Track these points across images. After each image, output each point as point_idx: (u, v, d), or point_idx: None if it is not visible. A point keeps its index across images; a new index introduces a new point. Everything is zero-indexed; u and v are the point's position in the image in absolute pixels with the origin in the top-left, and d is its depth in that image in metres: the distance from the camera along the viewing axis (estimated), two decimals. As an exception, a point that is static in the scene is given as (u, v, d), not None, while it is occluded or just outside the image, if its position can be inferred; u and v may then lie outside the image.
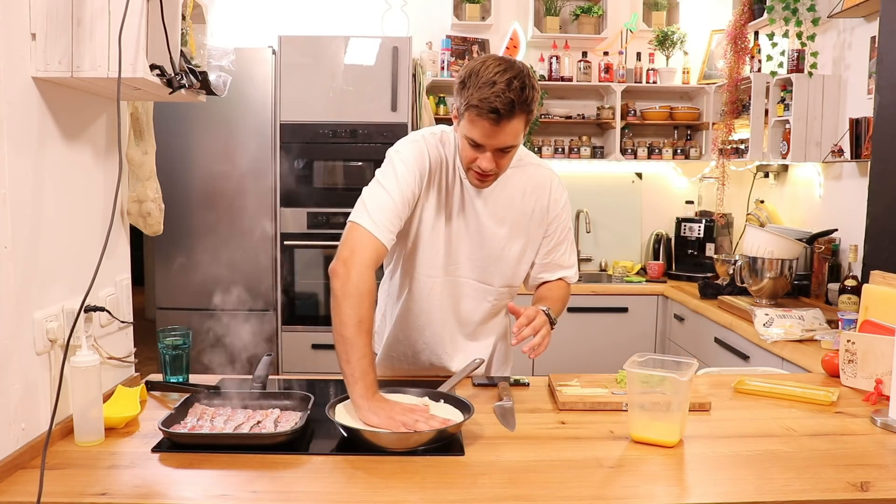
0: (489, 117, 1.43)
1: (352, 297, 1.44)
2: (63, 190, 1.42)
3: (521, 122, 1.47)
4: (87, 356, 1.34)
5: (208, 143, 3.63)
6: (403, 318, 1.78)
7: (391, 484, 1.20)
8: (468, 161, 1.55)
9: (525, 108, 1.45)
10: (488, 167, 1.52)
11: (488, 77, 1.42)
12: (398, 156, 1.60)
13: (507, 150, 1.52)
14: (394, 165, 1.58)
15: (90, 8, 1.29)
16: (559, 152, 4.06)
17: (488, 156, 1.51)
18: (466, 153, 1.54)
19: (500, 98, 1.41)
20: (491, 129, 1.45)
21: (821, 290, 3.13)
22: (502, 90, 1.41)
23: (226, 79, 1.62)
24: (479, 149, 1.51)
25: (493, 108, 1.42)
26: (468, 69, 1.47)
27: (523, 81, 1.43)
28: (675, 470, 1.29)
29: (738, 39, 3.57)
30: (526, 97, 1.44)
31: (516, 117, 1.45)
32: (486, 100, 1.42)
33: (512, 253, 1.73)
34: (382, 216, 1.52)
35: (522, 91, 1.43)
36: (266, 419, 1.42)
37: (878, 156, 2.45)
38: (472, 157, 1.53)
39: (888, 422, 1.49)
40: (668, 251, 4.07)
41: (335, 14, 4.03)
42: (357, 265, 1.46)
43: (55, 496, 1.13)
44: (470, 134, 1.49)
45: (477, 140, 1.49)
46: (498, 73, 1.43)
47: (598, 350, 3.66)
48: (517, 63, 1.47)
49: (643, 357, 1.44)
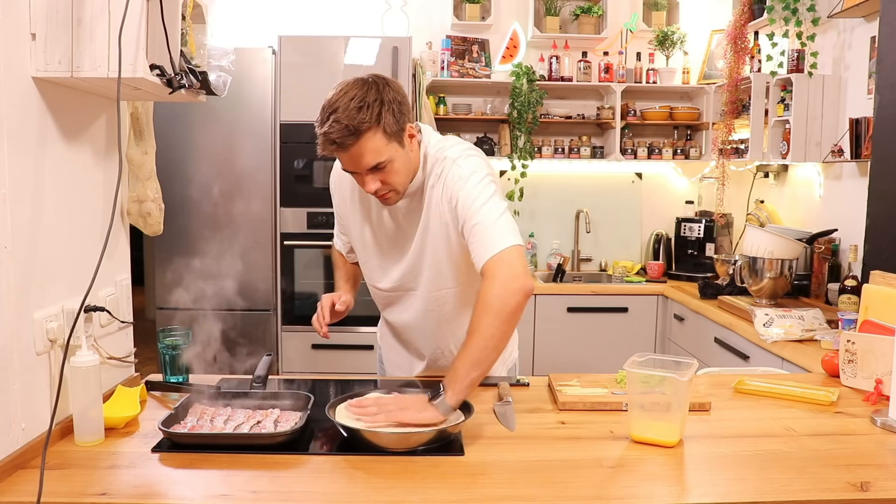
0: (331, 148, 1.45)
1: None
2: (63, 190, 1.42)
3: (375, 138, 1.43)
4: (87, 356, 1.34)
5: (208, 143, 3.63)
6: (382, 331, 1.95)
7: (391, 484, 1.20)
8: (360, 184, 1.54)
9: (370, 125, 1.41)
10: (372, 188, 1.49)
11: (331, 105, 1.43)
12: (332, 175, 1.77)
13: (379, 167, 1.46)
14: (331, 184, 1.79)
15: (90, 8, 1.29)
16: (559, 152, 4.06)
17: (367, 178, 1.49)
18: (355, 179, 1.54)
19: (334, 128, 1.41)
20: (343, 156, 1.47)
21: (821, 290, 3.12)
22: (338, 118, 1.40)
23: (226, 79, 1.62)
24: (357, 175, 1.51)
25: (331, 140, 1.42)
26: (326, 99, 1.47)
27: (362, 100, 1.41)
28: (675, 470, 1.29)
29: (738, 39, 3.57)
30: (365, 116, 1.40)
31: (363, 137, 1.42)
32: (325, 133, 1.42)
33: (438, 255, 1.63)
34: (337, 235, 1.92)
35: (360, 111, 1.40)
36: (266, 419, 1.42)
37: (878, 156, 2.45)
38: (359, 181, 1.53)
39: (888, 422, 1.49)
40: (668, 251, 4.07)
41: (335, 14, 4.03)
42: None
43: (55, 496, 1.13)
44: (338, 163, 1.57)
45: (345, 167, 1.50)
46: (338, 97, 1.43)
47: (598, 350, 3.66)
48: (368, 79, 1.46)
49: (643, 357, 1.44)
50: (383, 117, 1.43)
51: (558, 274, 3.94)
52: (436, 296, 1.69)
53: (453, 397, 1.36)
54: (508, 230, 1.47)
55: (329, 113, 1.43)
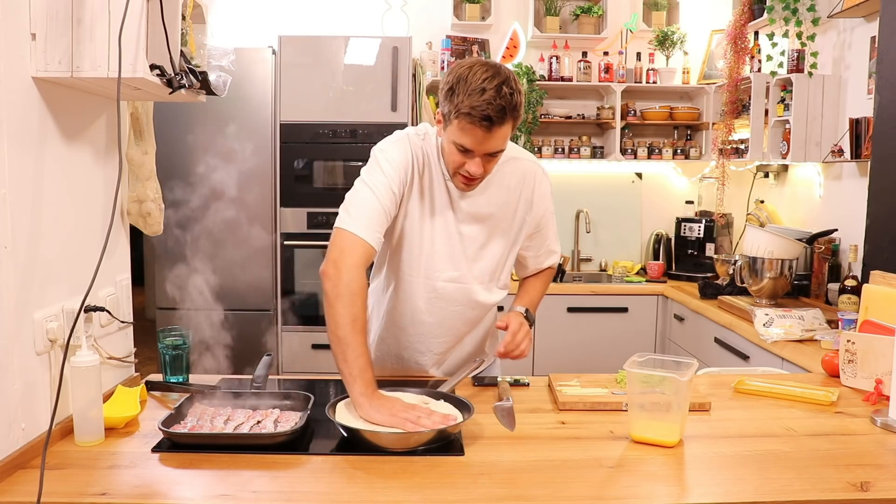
0: (482, 125, 1.44)
1: (344, 297, 1.45)
2: (63, 190, 1.42)
3: (510, 127, 1.49)
4: (87, 356, 1.34)
5: (208, 143, 3.63)
6: (389, 316, 1.80)
7: (391, 484, 1.20)
8: (455, 165, 1.55)
9: (515, 113, 1.46)
10: (477, 172, 1.53)
11: (478, 84, 1.42)
12: (383, 154, 1.60)
13: (495, 154, 1.53)
14: (379, 164, 1.59)
15: (90, 8, 1.29)
16: (559, 152, 4.06)
17: (477, 161, 1.51)
18: (454, 158, 1.54)
19: (491, 105, 1.41)
20: (483, 135, 1.46)
21: (821, 290, 3.13)
22: (493, 97, 1.41)
23: (226, 79, 1.62)
24: (467, 154, 1.51)
25: (486, 116, 1.42)
26: (456, 75, 1.47)
27: (512, 87, 1.44)
28: (675, 470, 1.29)
29: (738, 39, 3.57)
30: (515, 103, 1.45)
31: (507, 123, 1.46)
32: (478, 107, 1.42)
33: (492, 254, 1.73)
34: (367, 217, 1.54)
35: (512, 97, 1.43)
36: (266, 419, 1.42)
37: (878, 156, 2.45)
38: (459, 161, 1.53)
39: (888, 422, 1.49)
40: (668, 251, 4.07)
41: (335, 14, 4.03)
42: (347, 265, 1.48)
43: (55, 496, 1.13)
44: (460, 140, 1.49)
45: (468, 146, 1.49)
46: (486, 79, 1.42)
47: (598, 350, 3.66)
48: (503, 68, 1.47)
49: (643, 357, 1.44)
50: (521, 110, 1.49)
51: (558, 274, 3.93)
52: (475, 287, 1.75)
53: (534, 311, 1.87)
54: None
55: (481, 90, 1.41)
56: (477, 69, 1.45)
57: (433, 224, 1.67)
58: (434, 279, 1.71)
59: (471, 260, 1.72)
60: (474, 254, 1.72)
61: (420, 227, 1.67)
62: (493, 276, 1.77)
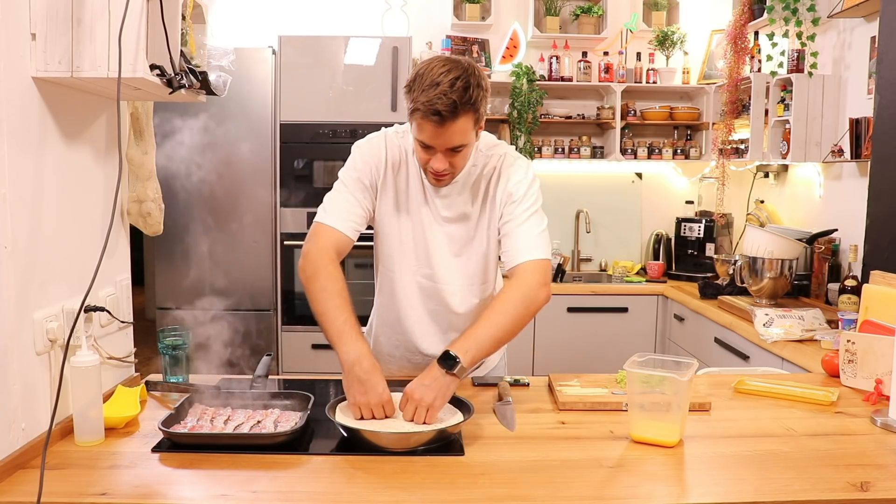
0: (433, 119, 1.44)
1: (313, 278, 1.51)
2: (63, 190, 1.42)
3: (468, 121, 1.48)
4: (87, 356, 1.34)
5: (208, 143, 3.63)
6: (380, 313, 1.82)
7: (391, 484, 1.20)
8: (422, 162, 1.57)
9: (469, 107, 1.45)
10: (440, 167, 1.53)
11: (432, 79, 1.43)
12: (357, 150, 1.67)
13: (457, 149, 1.52)
14: (353, 160, 1.66)
15: (90, 8, 1.29)
16: (559, 152, 4.06)
17: (439, 156, 1.51)
18: (419, 155, 1.56)
19: (441, 100, 1.41)
20: (436, 130, 1.46)
21: (821, 290, 3.12)
22: (445, 91, 1.41)
23: (226, 79, 1.62)
24: (429, 150, 1.52)
25: (436, 111, 1.42)
26: (414, 72, 1.49)
27: (467, 81, 1.43)
28: (675, 470, 1.29)
29: (738, 39, 3.57)
30: (470, 97, 1.44)
31: (461, 117, 1.45)
32: (429, 102, 1.42)
33: (475, 249, 1.70)
34: (337, 208, 1.60)
35: (466, 91, 1.43)
36: (266, 419, 1.42)
37: (878, 156, 2.45)
38: (425, 158, 1.55)
39: (888, 422, 1.49)
40: (668, 251, 4.07)
41: (335, 14, 4.03)
42: (314, 250, 1.55)
43: (55, 496, 1.13)
44: (419, 136, 1.51)
45: (426, 142, 1.50)
46: (442, 73, 1.43)
47: (598, 350, 3.66)
48: (463, 62, 1.47)
49: (643, 357, 1.44)
50: (480, 104, 1.48)
51: (558, 274, 3.94)
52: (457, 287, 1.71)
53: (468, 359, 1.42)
54: (548, 244, 1.62)
55: (434, 84, 1.42)
56: (435, 64, 1.46)
57: (411, 221, 1.68)
58: (414, 274, 1.71)
59: (447, 262, 1.69)
60: (450, 256, 1.69)
61: (397, 224, 1.68)
62: (472, 280, 1.72)
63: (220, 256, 3.59)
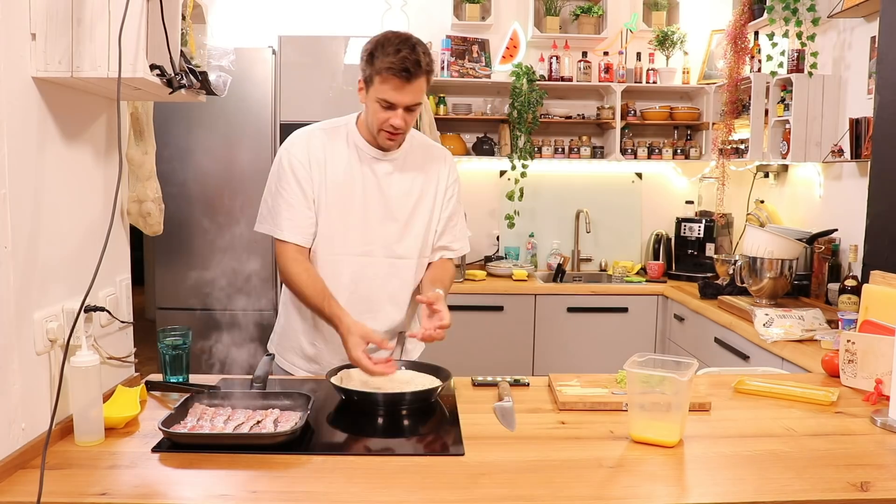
0: (402, 76, 1.65)
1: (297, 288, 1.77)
2: (63, 190, 1.42)
3: (424, 81, 1.70)
4: (87, 356, 1.34)
5: (208, 143, 3.63)
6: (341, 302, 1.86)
7: (391, 484, 1.20)
8: (381, 122, 1.73)
9: (428, 68, 1.69)
10: (401, 124, 1.71)
11: (395, 45, 1.65)
12: (285, 155, 1.80)
13: (413, 108, 1.73)
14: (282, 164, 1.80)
15: (90, 8, 1.29)
16: (559, 152, 4.06)
17: (399, 113, 1.70)
18: (378, 115, 1.72)
19: (408, 60, 1.64)
20: (402, 86, 1.66)
21: (821, 290, 3.13)
22: (409, 54, 1.64)
23: (226, 79, 1.62)
24: (391, 108, 1.70)
25: (405, 68, 1.64)
26: (373, 43, 1.69)
27: (424, 48, 1.69)
28: (675, 470, 1.29)
29: (738, 39, 3.57)
30: (428, 61, 1.69)
31: (421, 77, 1.68)
32: (398, 61, 1.64)
33: (421, 220, 1.87)
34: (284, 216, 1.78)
35: (425, 55, 1.68)
36: (266, 419, 1.42)
37: (878, 156, 2.45)
38: (384, 118, 1.72)
39: (888, 422, 1.49)
40: (668, 251, 4.07)
41: (335, 14, 4.03)
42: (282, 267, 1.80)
43: (55, 496, 1.13)
44: (383, 95, 1.68)
45: (390, 99, 1.68)
46: (400, 42, 1.66)
47: (598, 350, 3.66)
48: (413, 36, 1.70)
49: (643, 357, 1.44)
50: (433, 70, 1.72)
51: (558, 274, 3.94)
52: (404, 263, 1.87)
53: None
54: None
55: (398, 49, 1.64)
56: (391, 36, 1.68)
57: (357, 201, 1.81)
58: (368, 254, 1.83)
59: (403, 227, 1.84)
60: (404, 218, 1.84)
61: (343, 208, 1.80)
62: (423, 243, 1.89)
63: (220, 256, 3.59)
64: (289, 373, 1.94)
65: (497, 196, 4.19)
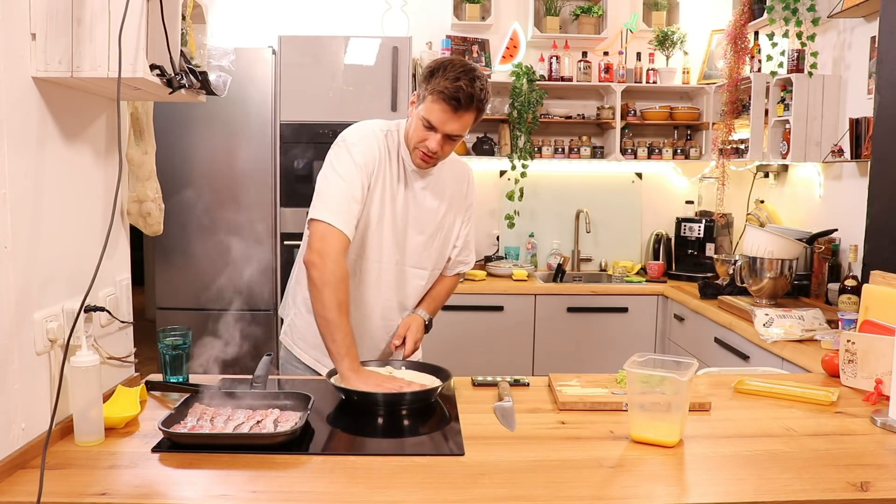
0: (451, 104, 1.63)
1: (330, 283, 1.61)
2: (63, 190, 1.42)
3: (473, 117, 1.68)
4: (87, 356, 1.34)
5: (208, 143, 3.63)
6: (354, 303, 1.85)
7: (391, 484, 1.20)
8: (418, 140, 1.71)
9: (480, 105, 1.67)
10: (435, 148, 1.69)
11: (456, 73, 1.64)
12: (355, 148, 1.74)
13: (454, 138, 1.70)
14: (352, 156, 1.72)
15: (90, 8, 1.29)
16: (559, 152, 4.06)
17: (438, 138, 1.68)
18: (419, 133, 1.71)
19: (462, 91, 1.62)
20: (449, 113, 1.65)
21: (821, 290, 3.13)
22: (466, 85, 1.63)
23: (226, 79, 1.62)
24: (431, 130, 1.68)
25: (456, 97, 1.63)
26: (439, 63, 1.68)
27: (483, 85, 1.66)
28: (675, 470, 1.29)
29: (738, 39, 3.57)
30: (482, 98, 1.66)
31: (471, 111, 1.66)
32: (451, 89, 1.62)
33: (449, 228, 1.91)
34: (342, 208, 1.68)
35: (481, 92, 1.66)
36: (266, 419, 1.42)
37: (878, 156, 2.45)
38: (423, 137, 1.70)
39: (888, 422, 1.49)
40: (668, 251, 4.07)
41: (335, 14, 4.03)
42: (331, 253, 1.63)
43: (55, 496, 1.13)
44: (428, 115, 1.67)
45: (433, 122, 1.66)
46: (464, 72, 1.64)
47: (598, 350, 3.66)
48: (479, 71, 1.69)
49: (643, 357, 1.44)
50: (484, 108, 1.71)
51: (558, 274, 3.94)
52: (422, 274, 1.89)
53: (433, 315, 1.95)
54: None
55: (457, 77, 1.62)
56: (458, 63, 1.66)
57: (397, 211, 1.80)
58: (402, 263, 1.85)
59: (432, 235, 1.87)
60: (435, 225, 1.86)
61: (385, 216, 1.79)
62: (445, 252, 1.92)
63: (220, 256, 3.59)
64: (302, 362, 1.94)
65: (497, 196, 4.19)
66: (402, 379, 1.64)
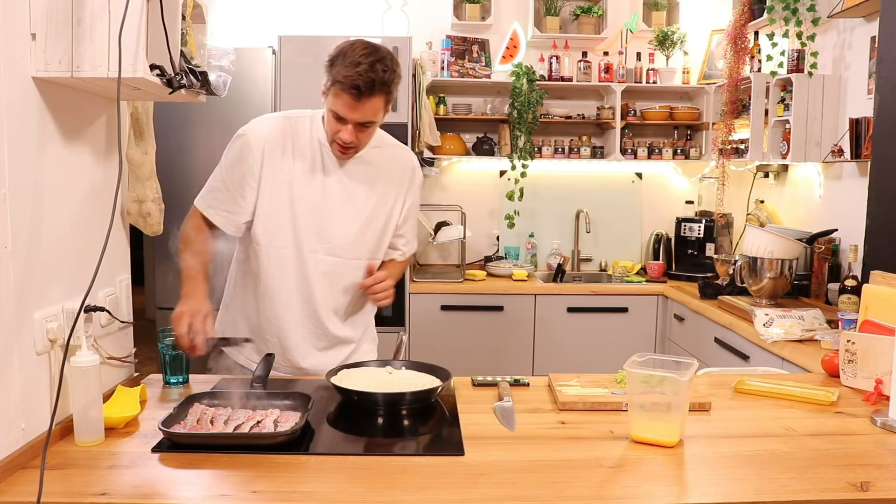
0: (351, 93, 1.60)
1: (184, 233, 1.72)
2: (63, 190, 1.42)
3: (381, 100, 1.64)
4: (87, 356, 1.34)
5: (208, 143, 3.63)
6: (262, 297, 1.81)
7: (391, 484, 1.20)
8: (332, 133, 1.70)
9: (384, 88, 1.62)
10: (348, 139, 1.67)
11: (355, 58, 1.59)
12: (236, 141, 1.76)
13: (366, 125, 1.68)
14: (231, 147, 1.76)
15: (90, 8, 1.29)
16: (559, 152, 4.06)
17: (349, 128, 1.66)
18: (331, 126, 1.70)
19: (362, 77, 1.57)
20: (352, 103, 1.61)
21: (821, 290, 3.12)
22: (366, 70, 1.57)
23: (226, 79, 1.62)
24: (341, 122, 1.66)
25: (356, 85, 1.58)
26: (338, 49, 1.65)
27: (386, 66, 1.61)
28: (675, 470, 1.29)
29: (738, 39, 3.57)
30: (386, 80, 1.61)
31: (376, 96, 1.61)
32: (350, 77, 1.58)
33: (388, 215, 1.84)
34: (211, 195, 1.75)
35: (384, 74, 1.60)
36: (266, 419, 1.42)
37: (878, 156, 2.45)
38: (335, 129, 1.69)
39: (888, 422, 1.49)
40: (668, 251, 4.07)
41: (335, 14, 4.03)
42: (187, 221, 1.75)
43: (55, 496, 1.13)
44: (334, 108, 1.65)
45: (340, 113, 1.64)
46: (363, 55, 1.59)
47: (598, 350, 3.66)
48: (383, 49, 1.63)
49: (643, 357, 1.44)
50: (395, 89, 1.65)
51: (558, 274, 3.94)
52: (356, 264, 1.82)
53: None
54: None
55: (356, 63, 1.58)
56: (357, 46, 1.62)
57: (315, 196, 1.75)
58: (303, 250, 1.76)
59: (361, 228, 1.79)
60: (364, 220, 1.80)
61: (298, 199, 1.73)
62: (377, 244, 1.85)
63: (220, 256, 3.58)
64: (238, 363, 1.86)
65: (497, 196, 4.19)
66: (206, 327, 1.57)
